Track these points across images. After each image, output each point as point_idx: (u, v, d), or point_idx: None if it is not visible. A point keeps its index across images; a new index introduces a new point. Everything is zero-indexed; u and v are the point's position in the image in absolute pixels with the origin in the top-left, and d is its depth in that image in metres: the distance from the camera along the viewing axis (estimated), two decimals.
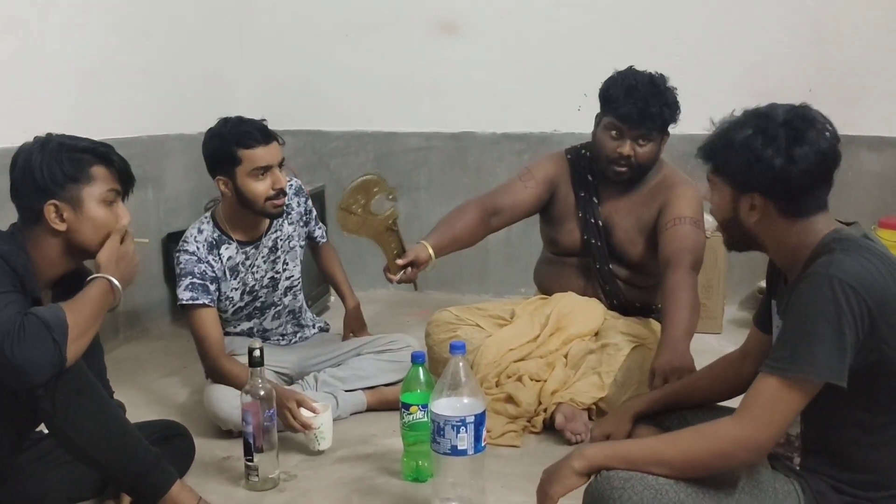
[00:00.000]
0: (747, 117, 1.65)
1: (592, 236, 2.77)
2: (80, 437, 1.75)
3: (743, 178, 1.63)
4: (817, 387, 1.52)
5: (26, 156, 1.87)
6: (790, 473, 1.68)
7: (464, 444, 1.91)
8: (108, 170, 1.91)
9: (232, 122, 2.57)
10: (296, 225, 2.81)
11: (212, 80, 4.01)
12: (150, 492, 1.80)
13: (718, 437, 1.56)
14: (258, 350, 2.18)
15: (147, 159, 3.55)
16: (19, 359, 1.64)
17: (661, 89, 2.60)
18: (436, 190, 4.19)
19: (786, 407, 1.53)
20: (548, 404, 2.53)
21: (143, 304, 3.61)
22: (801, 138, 1.57)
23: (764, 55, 3.74)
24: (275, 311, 2.80)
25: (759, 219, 1.65)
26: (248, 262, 2.69)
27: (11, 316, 1.67)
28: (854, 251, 1.55)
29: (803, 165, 1.57)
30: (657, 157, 2.72)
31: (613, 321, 2.73)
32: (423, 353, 2.25)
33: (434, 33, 4.11)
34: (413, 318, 3.74)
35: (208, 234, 2.64)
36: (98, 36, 3.28)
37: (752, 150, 1.59)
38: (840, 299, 1.49)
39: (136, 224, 3.45)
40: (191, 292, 2.55)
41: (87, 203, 1.87)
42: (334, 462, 2.37)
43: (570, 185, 2.83)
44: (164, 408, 2.79)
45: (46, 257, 1.88)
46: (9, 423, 1.78)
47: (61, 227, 1.86)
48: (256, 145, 2.52)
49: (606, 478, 1.65)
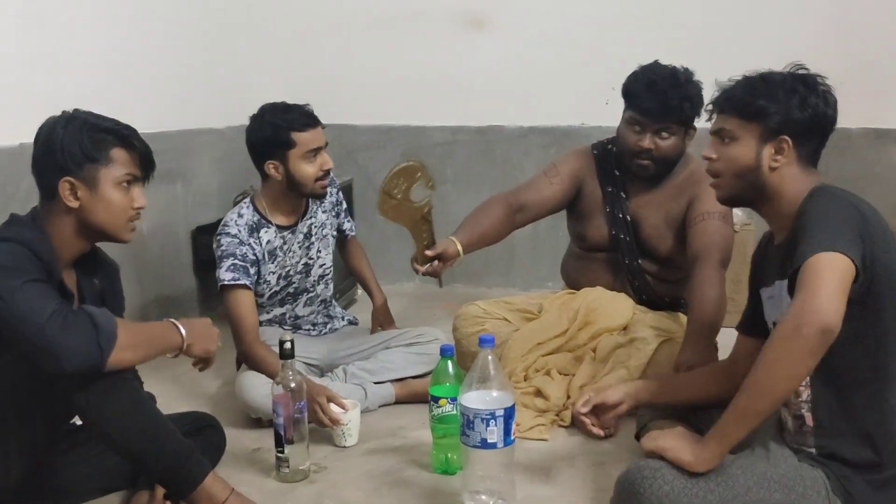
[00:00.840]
0: (779, 73, 1.82)
1: (621, 231, 2.77)
2: (115, 431, 1.77)
3: (781, 119, 1.76)
4: (851, 272, 1.57)
5: (49, 130, 1.88)
6: (814, 463, 1.69)
7: (493, 438, 1.92)
8: (128, 153, 1.92)
9: (280, 107, 2.64)
10: (328, 213, 2.86)
11: (240, 75, 4.03)
12: (183, 484, 1.82)
13: (783, 327, 1.56)
14: (289, 342, 2.20)
15: (176, 154, 3.58)
16: (55, 343, 1.66)
17: (681, 83, 2.60)
18: (463, 184, 4.20)
19: (833, 276, 1.55)
20: (576, 398, 2.52)
21: (172, 296, 3.64)
22: (831, 91, 1.80)
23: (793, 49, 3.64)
24: (307, 298, 2.83)
25: (779, 165, 1.78)
26: (286, 247, 2.73)
27: (55, 304, 1.70)
28: (841, 191, 1.73)
29: (835, 113, 1.79)
30: (681, 150, 2.71)
31: (642, 315, 2.73)
32: (451, 346, 2.26)
33: (461, 27, 4.11)
34: (440, 311, 3.75)
35: (248, 218, 2.69)
36: (126, 31, 3.31)
37: (798, 94, 1.76)
38: (847, 205, 1.66)
39: (165, 217, 3.54)
40: (232, 273, 2.59)
41: (102, 184, 1.88)
42: (363, 454, 2.39)
43: (596, 181, 2.82)
44: (194, 399, 2.81)
45: (62, 236, 1.90)
46: (44, 413, 1.81)
47: (74, 204, 1.87)
48: (308, 128, 2.62)
49: (637, 467, 1.68)
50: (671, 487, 1.62)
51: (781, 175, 1.78)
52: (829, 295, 1.52)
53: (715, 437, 1.64)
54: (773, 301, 1.79)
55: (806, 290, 1.54)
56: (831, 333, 1.52)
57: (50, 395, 1.76)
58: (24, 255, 1.76)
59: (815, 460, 1.70)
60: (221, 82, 3.91)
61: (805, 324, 1.51)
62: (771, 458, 1.69)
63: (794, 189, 1.77)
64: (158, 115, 3.43)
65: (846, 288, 1.56)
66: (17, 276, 1.72)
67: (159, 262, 3.55)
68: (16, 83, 2.74)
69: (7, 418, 1.78)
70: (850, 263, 1.56)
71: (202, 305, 3.82)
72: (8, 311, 1.69)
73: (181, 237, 3.70)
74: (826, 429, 1.70)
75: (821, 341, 1.52)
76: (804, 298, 1.53)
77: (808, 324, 1.51)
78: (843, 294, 1.55)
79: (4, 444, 1.79)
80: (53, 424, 1.87)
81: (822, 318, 1.51)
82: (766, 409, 1.59)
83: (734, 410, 1.62)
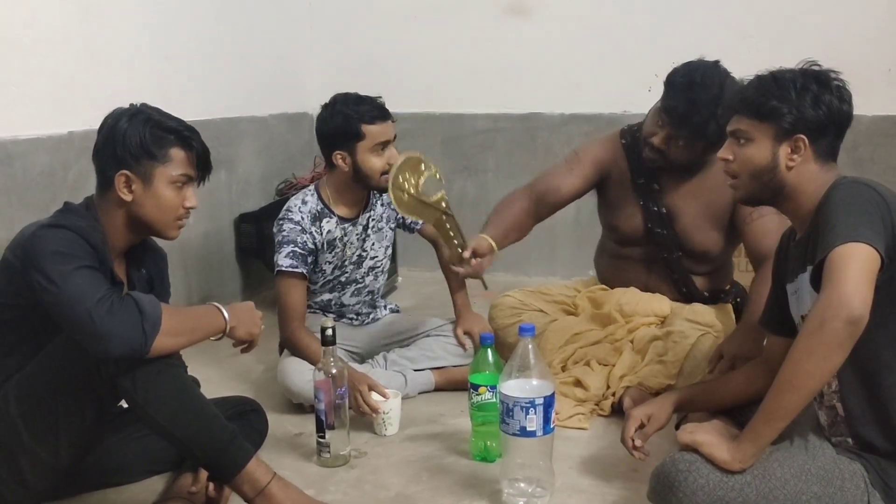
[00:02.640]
0: (790, 71, 1.79)
1: (657, 225, 2.68)
2: (160, 415, 1.79)
3: (795, 118, 1.74)
4: (876, 261, 1.55)
5: (114, 121, 1.92)
6: (853, 456, 1.67)
7: (532, 426, 1.92)
8: (186, 154, 1.95)
9: (352, 98, 2.62)
10: (387, 207, 2.83)
11: (282, 64, 4.06)
12: (226, 468, 1.84)
13: (811, 321, 1.54)
14: (331, 329, 2.22)
15: (220, 142, 3.61)
16: (102, 327, 1.69)
17: (714, 99, 2.39)
18: (503, 172, 4.19)
19: (857, 266, 1.53)
20: (616, 388, 2.52)
21: (216, 283, 3.69)
22: (845, 86, 1.77)
23: (842, 35, 3.63)
24: (355, 288, 2.84)
25: (796, 164, 1.75)
26: (346, 239, 2.74)
27: (106, 291, 1.74)
28: (861, 179, 1.71)
29: (850, 109, 1.76)
30: (695, 159, 2.57)
31: (679, 309, 2.69)
32: (491, 335, 2.26)
33: (502, 14, 4.10)
34: (478, 300, 3.74)
35: (312, 206, 2.69)
36: (171, 21, 3.35)
37: (810, 92, 1.73)
38: (870, 193, 1.64)
39: (208, 205, 3.58)
40: (291, 260, 2.61)
41: (157, 181, 1.91)
42: (403, 440, 2.41)
43: (625, 169, 2.72)
44: (236, 384, 2.85)
45: (114, 226, 1.94)
46: (91, 395, 1.84)
47: (127, 197, 1.91)
48: (379, 121, 2.60)
49: (672, 461, 1.67)
50: (706, 481, 1.62)
51: (799, 173, 1.76)
52: (854, 286, 1.50)
53: (749, 436, 1.63)
54: (798, 296, 1.77)
55: (831, 283, 1.52)
56: (859, 325, 1.50)
57: (97, 378, 1.79)
58: (78, 243, 1.80)
59: (853, 453, 1.68)
60: (264, 70, 3.94)
61: (831, 317, 1.49)
62: (809, 451, 1.67)
63: (813, 186, 1.75)
64: (203, 103, 3.48)
65: (872, 277, 1.53)
66: (69, 261, 1.76)
67: (203, 250, 3.60)
68: (65, 73, 2.80)
69: (57, 399, 1.82)
70: (874, 252, 1.54)
71: (245, 292, 3.87)
72: (58, 295, 1.73)
73: (225, 225, 3.75)
74: (858, 417, 1.68)
75: (848, 333, 1.50)
76: (830, 291, 1.51)
77: (834, 317, 1.49)
78: (870, 284, 1.52)
79: (54, 424, 1.84)
80: (101, 407, 1.90)
81: (849, 310, 1.49)
82: (797, 406, 1.57)
83: (766, 409, 1.60)
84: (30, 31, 2.70)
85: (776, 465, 1.63)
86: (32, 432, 1.83)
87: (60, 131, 2.75)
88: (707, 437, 1.68)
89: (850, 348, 1.52)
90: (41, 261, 1.76)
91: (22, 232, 1.88)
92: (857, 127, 3.50)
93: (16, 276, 1.82)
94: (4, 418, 1.84)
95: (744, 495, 1.61)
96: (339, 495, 2.09)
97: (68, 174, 2.78)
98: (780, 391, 1.57)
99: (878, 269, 1.55)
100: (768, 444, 1.63)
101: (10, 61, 2.63)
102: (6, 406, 1.84)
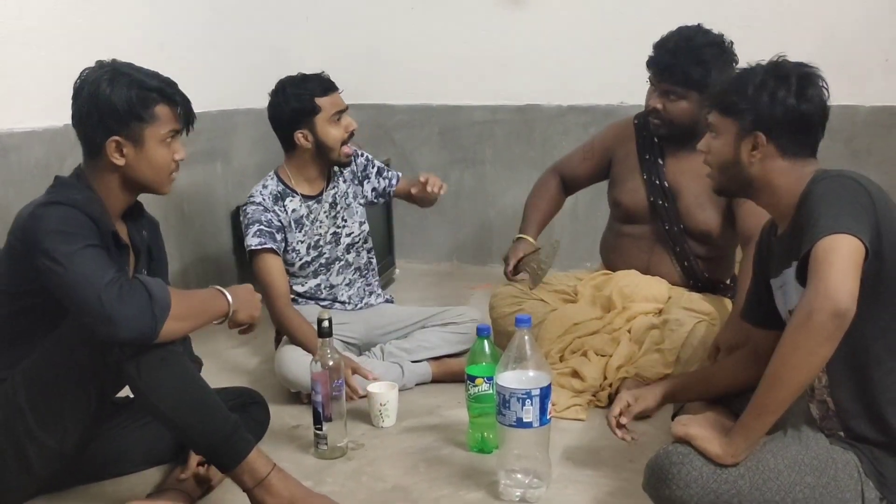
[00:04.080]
0: (758, 66, 1.79)
1: (659, 198, 2.73)
2: (163, 403, 1.80)
3: (753, 116, 1.74)
4: (861, 252, 1.54)
5: (93, 87, 1.88)
6: (846, 446, 1.68)
7: (529, 417, 1.92)
8: (171, 109, 1.94)
9: (297, 78, 2.75)
10: (349, 183, 2.91)
11: (277, 55, 4.04)
12: (227, 458, 1.84)
13: (797, 315, 1.53)
14: (327, 321, 2.23)
15: (215, 133, 3.61)
16: (112, 311, 1.69)
17: (695, 45, 2.54)
18: (501, 163, 4.18)
19: (842, 258, 1.52)
20: (613, 379, 2.52)
21: (213, 277, 3.68)
22: (811, 83, 1.74)
23: (838, 24, 3.62)
24: (339, 266, 2.88)
25: (759, 159, 1.76)
26: (311, 216, 2.80)
27: (110, 273, 1.73)
28: (846, 172, 1.70)
29: (811, 106, 1.73)
30: (695, 117, 2.58)
31: (677, 297, 2.70)
32: (488, 326, 2.28)
33: (499, 5, 4.07)
34: (477, 290, 3.76)
35: (273, 188, 2.78)
36: (166, 10, 3.34)
37: (766, 89, 1.73)
38: (853, 186, 1.63)
39: (204, 197, 3.57)
40: (259, 238, 2.68)
41: (147, 142, 1.91)
42: (400, 432, 2.41)
43: (631, 147, 2.81)
44: (234, 375, 2.86)
45: (109, 191, 1.94)
46: (96, 383, 1.84)
47: (120, 162, 1.90)
48: (330, 93, 2.73)
49: (666, 453, 1.67)
50: (700, 473, 1.62)
51: (765, 168, 1.76)
52: (839, 278, 1.49)
53: (740, 430, 1.63)
54: (784, 290, 1.76)
55: (817, 276, 1.51)
56: (845, 317, 1.49)
57: (102, 365, 1.79)
58: (78, 218, 1.80)
59: (846, 443, 1.69)
60: (260, 62, 3.92)
61: (818, 310, 1.49)
62: (802, 441, 1.68)
63: (785, 181, 1.75)
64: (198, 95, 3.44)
65: (858, 269, 1.52)
66: (73, 240, 1.76)
67: (199, 242, 3.60)
68: (58, 65, 2.77)
69: (63, 386, 1.83)
70: (858, 243, 1.53)
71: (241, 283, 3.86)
72: (65, 278, 1.73)
73: (220, 216, 3.74)
74: (849, 411, 1.69)
75: (835, 326, 1.49)
76: (815, 284, 1.51)
77: (820, 309, 1.48)
78: (855, 276, 1.51)
79: (60, 410, 1.84)
80: (105, 393, 1.91)
81: (835, 303, 1.48)
82: (787, 399, 1.57)
83: (756, 403, 1.60)
84: (22, 23, 2.69)
85: (769, 456, 1.63)
86: (39, 419, 1.84)
87: (55, 123, 2.74)
88: (700, 430, 1.68)
89: (837, 341, 1.51)
90: (44, 241, 1.76)
91: (20, 214, 1.87)
92: (854, 118, 3.55)
93: (21, 261, 1.82)
94: (12, 405, 1.84)
95: (737, 487, 1.61)
96: (336, 487, 2.10)
97: (64, 165, 2.77)
98: (770, 385, 1.57)
99: (863, 260, 1.54)
100: (760, 437, 1.64)
101: (2, 53, 2.62)
102: (14, 393, 1.84)
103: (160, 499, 1.98)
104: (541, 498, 1.99)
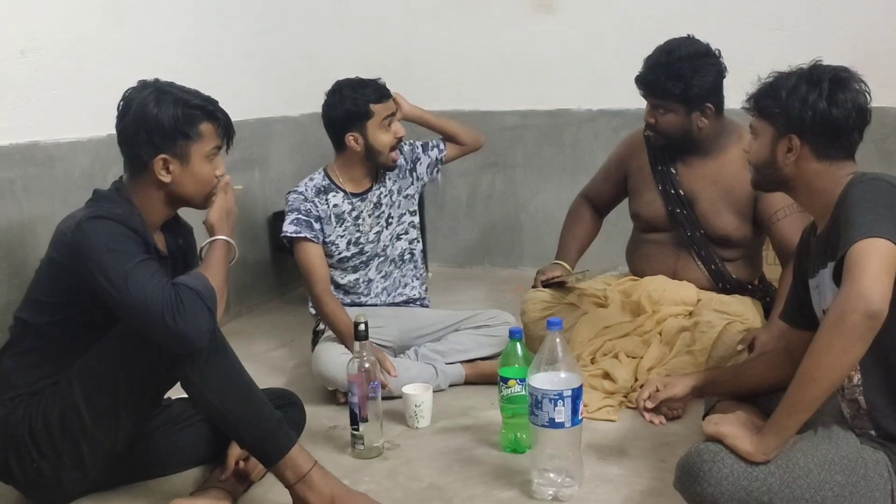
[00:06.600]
0: (794, 70, 1.83)
1: (676, 206, 2.76)
2: (214, 396, 1.86)
3: (785, 119, 1.78)
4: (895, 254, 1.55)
5: (140, 106, 1.94)
6: (876, 445, 1.69)
7: (561, 417, 1.95)
8: (214, 126, 2.01)
9: (355, 82, 2.82)
10: (395, 180, 2.95)
11: (310, 63, 4.11)
12: (272, 452, 1.89)
13: (830, 315, 1.56)
14: (363, 324, 2.27)
15: (253, 142, 3.68)
16: (182, 329, 1.76)
17: (672, 59, 2.59)
18: (532, 168, 4.22)
19: (876, 260, 1.55)
20: (644, 381, 2.54)
21: (251, 281, 3.76)
22: (844, 88, 1.76)
23: (870, 25, 3.61)
24: (378, 263, 2.94)
25: (794, 160, 1.79)
26: (354, 213, 2.87)
27: (164, 287, 1.79)
28: (883, 175, 1.72)
29: (842, 111, 1.75)
30: (685, 128, 2.66)
31: (707, 299, 2.72)
32: (520, 328, 2.31)
33: (530, 11, 4.11)
34: (509, 294, 3.79)
35: (318, 182, 2.88)
36: (201, 22, 3.42)
37: (798, 94, 1.77)
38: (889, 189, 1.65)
39: (242, 204, 3.61)
40: (295, 226, 2.77)
41: (193, 159, 1.98)
42: (435, 433, 2.45)
43: (644, 159, 2.84)
44: (272, 378, 2.90)
45: (151, 206, 2.00)
46: (151, 381, 1.90)
47: (166, 178, 1.97)
48: (384, 99, 2.81)
49: (697, 451, 1.69)
50: (731, 470, 1.64)
51: (800, 171, 1.80)
52: (873, 280, 1.52)
53: (772, 429, 1.65)
54: (819, 290, 1.78)
55: (851, 278, 1.54)
56: (878, 318, 1.52)
57: (158, 363, 1.85)
58: (124, 234, 1.85)
59: (876, 442, 1.70)
60: (294, 70, 3.99)
61: (850, 311, 1.52)
62: (833, 440, 1.69)
63: (821, 183, 1.78)
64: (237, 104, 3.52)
65: (892, 271, 1.55)
66: (125, 259, 1.81)
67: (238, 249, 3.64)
68: (101, 77, 2.86)
69: (119, 383, 1.88)
70: (893, 247, 1.56)
71: (279, 289, 3.93)
72: (126, 302, 1.79)
73: (258, 223, 3.82)
74: (881, 410, 1.70)
75: (867, 327, 1.52)
76: (849, 286, 1.54)
77: (853, 310, 1.52)
78: (889, 278, 1.54)
79: (115, 407, 1.90)
80: (161, 391, 1.97)
81: (868, 304, 1.51)
82: (819, 398, 1.60)
83: (788, 402, 1.62)
84: (67, 35, 2.77)
85: (800, 455, 1.65)
86: (94, 416, 1.89)
87: (99, 134, 2.82)
88: (731, 428, 1.70)
89: (869, 341, 1.54)
90: (97, 260, 1.81)
91: (61, 228, 1.93)
92: (885, 119, 3.54)
93: (65, 274, 1.87)
94: (68, 402, 1.89)
95: (767, 484, 1.63)
96: (373, 485, 2.14)
97: (108, 175, 2.84)
98: (802, 384, 1.59)
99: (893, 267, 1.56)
100: (791, 435, 1.65)
101: (49, 66, 2.71)
102: (70, 390, 1.89)
103: (203, 496, 2.02)
104: (573, 497, 2.02)
